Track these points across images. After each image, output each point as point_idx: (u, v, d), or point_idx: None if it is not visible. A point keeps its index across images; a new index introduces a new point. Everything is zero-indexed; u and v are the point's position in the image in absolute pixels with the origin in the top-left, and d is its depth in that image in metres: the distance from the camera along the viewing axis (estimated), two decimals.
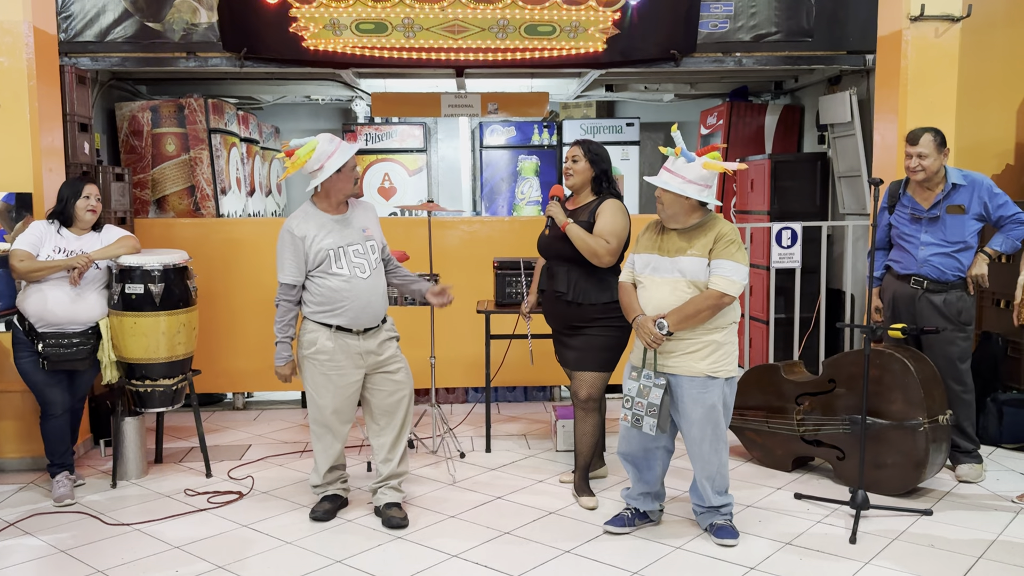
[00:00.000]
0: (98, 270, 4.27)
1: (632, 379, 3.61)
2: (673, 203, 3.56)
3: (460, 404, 6.21)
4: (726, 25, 5.62)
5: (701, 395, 3.53)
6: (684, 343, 3.53)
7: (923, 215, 4.36)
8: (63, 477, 4.28)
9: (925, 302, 4.36)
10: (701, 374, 3.52)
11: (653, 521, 3.85)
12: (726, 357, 3.56)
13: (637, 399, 3.57)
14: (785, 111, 7.24)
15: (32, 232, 4.20)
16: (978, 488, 4.30)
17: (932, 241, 4.34)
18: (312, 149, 3.70)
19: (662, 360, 3.56)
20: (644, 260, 3.66)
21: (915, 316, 4.38)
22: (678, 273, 3.53)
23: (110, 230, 4.45)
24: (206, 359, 5.23)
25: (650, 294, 3.59)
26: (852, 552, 3.55)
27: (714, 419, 3.56)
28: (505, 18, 5.38)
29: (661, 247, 3.61)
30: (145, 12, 5.40)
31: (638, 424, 3.58)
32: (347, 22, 5.36)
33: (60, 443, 4.29)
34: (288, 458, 4.94)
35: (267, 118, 8.24)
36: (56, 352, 4.17)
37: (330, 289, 3.75)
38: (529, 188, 8.14)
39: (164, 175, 6.29)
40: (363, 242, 3.84)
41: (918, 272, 4.37)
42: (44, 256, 4.14)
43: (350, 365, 3.82)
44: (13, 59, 4.67)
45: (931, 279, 4.34)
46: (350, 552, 3.59)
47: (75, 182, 4.32)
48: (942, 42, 5.05)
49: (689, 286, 3.50)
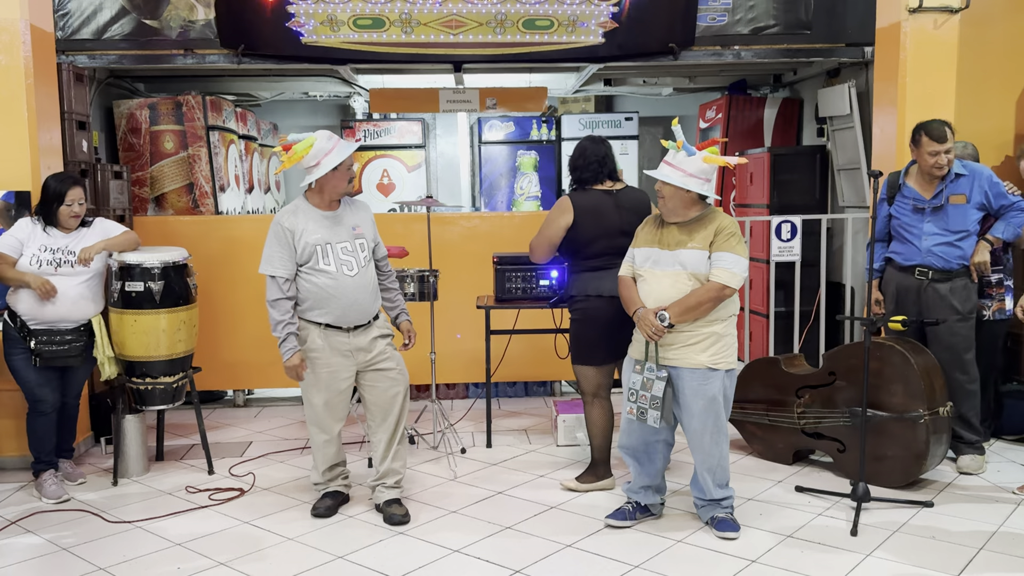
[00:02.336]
0: (86, 267, 4.24)
1: (635, 372, 3.62)
2: (673, 196, 3.58)
3: (461, 400, 6.21)
4: (724, 18, 5.61)
5: (702, 387, 3.54)
6: (684, 335, 3.54)
7: (926, 205, 4.36)
8: (50, 475, 4.27)
9: (931, 292, 4.36)
10: (702, 366, 3.53)
11: (654, 515, 3.86)
12: (726, 349, 3.57)
13: (641, 392, 3.58)
14: (784, 104, 7.23)
15: (14, 233, 4.17)
16: (979, 480, 4.31)
17: (935, 231, 4.34)
18: (310, 145, 3.70)
19: (662, 352, 3.57)
20: (644, 254, 3.68)
21: (921, 307, 4.38)
22: (679, 266, 3.54)
23: (102, 223, 4.41)
24: (206, 356, 5.23)
25: (651, 287, 3.61)
26: (853, 544, 3.55)
27: (715, 411, 3.57)
28: (503, 13, 5.38)
29: (661, 241, 3.63)
30: (142, 9, 5.39)
31: (643, 417, 3.58)
32: (345, 18, 5.35)
33: (47, 441, 4.29)
34: (289, 455, 4.94)
35: (265, 115, 8.23)
36: (48, 349, 4.16)
37: (317, 286, 3.75)
38: (528, 183, 8.13)
39: (163, 172, 6.28)
40: (352, 240, 3.84)
41: (922, 262, 4.37)
42: (29, 255, 4.12)
43: (341, 362, 3.82)
44: (10, 57, 4.66)
45: (936, 268, 4.34)
46: (352, 548, 3.59)
47: (62, 182, 4.21)
48: (941, 34, 5.04)
49: (690, 278, 3.52)
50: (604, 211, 4.10)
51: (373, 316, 3.91)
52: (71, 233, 4.26)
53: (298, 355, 3.77)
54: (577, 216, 4.08)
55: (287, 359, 3.76)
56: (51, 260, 4.16)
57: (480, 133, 8.17)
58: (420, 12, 5.34)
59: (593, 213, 4.09)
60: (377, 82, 6.90)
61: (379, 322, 3.96)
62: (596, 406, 4.19)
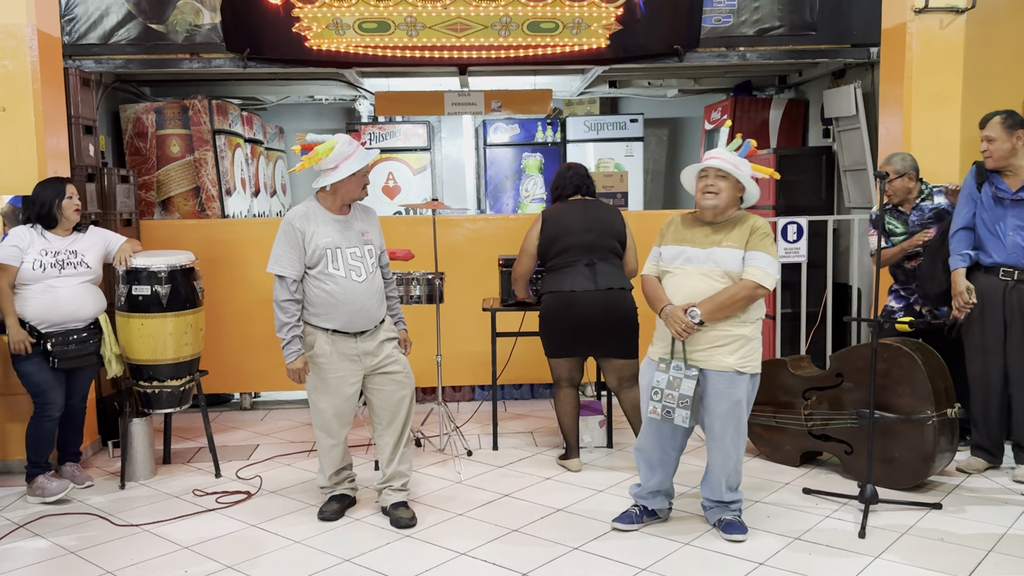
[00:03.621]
0: (89, 268, 4.29)
1: (660, 371, 3.56)
2: (728, 190, 3.55)
3: (467, 402, 6.21)
4: (729, 20, 5.61)
5: (728, 390, 3.51)
6: (712, 335, 3.50)
7: (1009, 196, 4.14)
8: (44, 476, 4.28)
9: (1016, 294, 4.13)
10: (730, 368, 3.50)
11: (661, 518, 3.84)
12: (753, 353, 3.55)
13: (667, 391, 3.52)
14: (789, 105, 7.22)
15: (12, 242, 4.18)
16: (988, 482, 4.29)
17: (1019, 224, 4.11)
18: (331, 148, 3.70)
19: (688, 353, 3.53)
20: (674, 251, 3.64)
21: (1006, 311, 4.15)
22: (712, 263, 3.52)
23: (96, 229, 4.47)
24: (213, 359, 5.25)
25: (681, 282, 3.56)
26: (861, 547, 3.54)
27: (737, 415, 3.55)
28: (508, 15, 5.38)
29: (692, 239, 3.60)
30: (148, 14, 5.41)
31: (669, 416, 3.53)
32: (350, 21, 5.36)
33: (48, 445, 4.31)
34: (296, 458, 4.95)
35: (271, 118, 8.25)
36: (65, 350, 4.19)
37: (325, 292, 3.75)
38: (533, 186, 8.14)
39: (169, 176, 6.30)
40: (361, 245, 3.84)
41: (1007, 262, 4.14)
42: (31, 260, 4.14)
43: (348, 367, 3.82)
44: (17, 62, 4.68)
45: (1020, 268, 4.11)
46: (359, 551, 3.60)
47: (55, 184, 4.28)
48: (947, 34, 5.02)
49: (724, 276, 3.49)
50: (570, 212, 4.50)
51: (380, 320, 3.91)
52: (68, 237, 4.30)
53: (301, 358, 3.76)
54: (545, 220, 4.49)
55: (290, 362, 3.75)
56: (54, 263, 4.19)
57: (485, 135, 8.18)
58: (425, 16, 5.35)
59: (559, 215, 4.50)
60: (382, 85, 6.91)
61: (385, 325, 3.96)
62: (559, 394, 4.58)
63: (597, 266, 4.39)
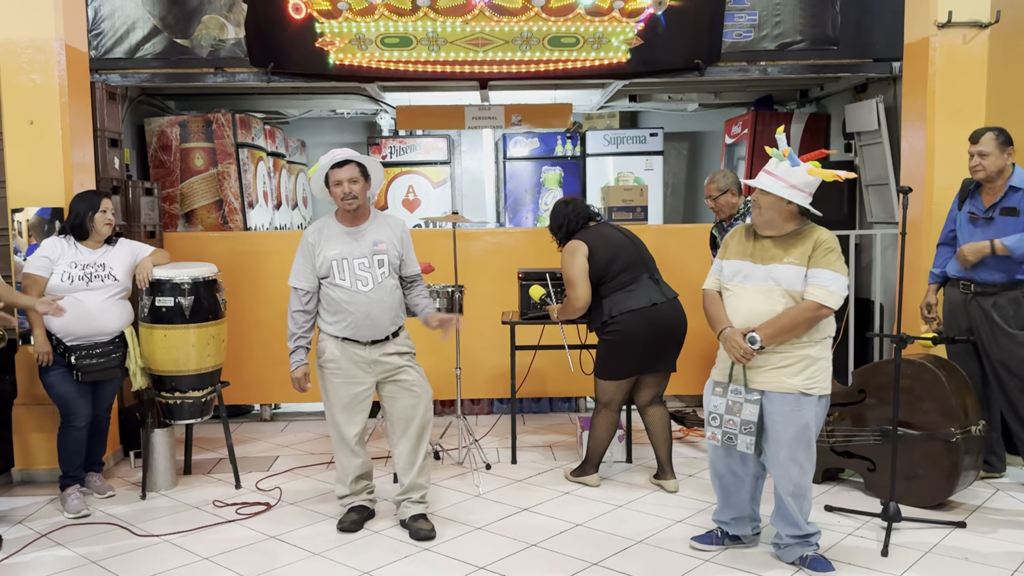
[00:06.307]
0: (116, 281, 4.33)
1: (717, 395, 3.43)
2: (771, 207, 3.37)
3: (485, 415, 6.21)
4: (751, 34, 5.61)
5: (794, 413, 3.30)
6: (775, 357, 3.32)
7: (980, 215, 4.28)
8: (75, 490, 4.32)
9: (975, 306, 4.32)
10: (794, 390, 3.30)
11: (745, 544, 3.66)
12: (821, 373, 3.34)
13: (727, 417, 3.38)
14: (811, 120, 7.18)
15: (44, 253, 4.25)
16: (1013, 501, 4.23)
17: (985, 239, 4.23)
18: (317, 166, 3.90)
19: (749, 375, 3.36)
20: (734, 267, 3.46)
21: (969, 321, 4.35)
22: (772, 281, 3.34)
23: (126, 241, 4.52)
24: (234, 371, 5.28)
25: (740, 302, 3.40)
26: (884, 565, 3.50)
27: (806, 439, 3.34)
28: (529, 31, 5.40)
29: (753, 254, 3.42)
30: (174, 29, 5.49)
31: (730, 443, 3.38)
32: (372, 37, 5.40)
33: (77, 455, 4.35)
34: (315, 469, 4.96)
35: (293, 132, 8.31)
36: (88, 363, 4.24)
37: (333, 300, 3.86)
38: (553, 199, 8.12)
39: (192, 189, 6.36)
40: (371, 256, 3.88)
41: (963, 275, 4.33)
42: (60, 272, 4.19)
43: (359, 372, 3.89)
44: (46, 76, 4.76)
45: (977, 282, 4.29)
46: (377, 564, 3.59)
47: (91, 196, 4.37)
48: (970, 48, 4.99)
49: (784, 295, 3.31)
50: (608, 233, 4.47)
51: (392, 333, 3.93)
52: (99, 249, 4.35)
53: (302, 368, 3.91)
54: (590, 245, 4.37)
55: (292, 371, 3.93)
56: (82, 275, 4.23)
57: (505, 149, 8.20)
58: (447, 31, 5.38)
59: (601, 237, 4.43)
60: (403, 99, 6.96)
61: (400, 338, 3.97)
62: (603, 416, 4.46)
63: (657, 278, 4.42)
